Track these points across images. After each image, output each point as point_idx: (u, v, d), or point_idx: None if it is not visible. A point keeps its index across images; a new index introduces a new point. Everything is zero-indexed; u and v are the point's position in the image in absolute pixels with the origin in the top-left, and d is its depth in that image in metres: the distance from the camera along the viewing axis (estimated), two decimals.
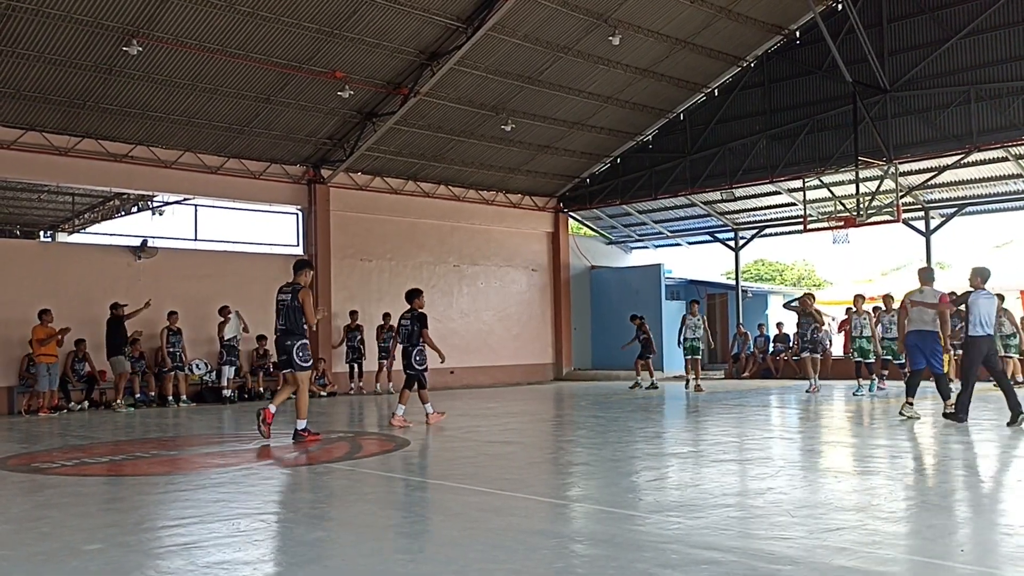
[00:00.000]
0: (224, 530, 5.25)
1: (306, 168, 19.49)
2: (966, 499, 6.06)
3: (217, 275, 18.09)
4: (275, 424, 10.03)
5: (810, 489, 6.39)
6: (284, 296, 9.81)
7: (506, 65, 18.02)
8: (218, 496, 6.46)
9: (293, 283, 9.89)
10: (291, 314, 9.67)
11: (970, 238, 31.67)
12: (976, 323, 10.17)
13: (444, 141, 20.06)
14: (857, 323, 15.66)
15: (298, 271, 10.00)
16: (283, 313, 9.74)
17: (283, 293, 9.87)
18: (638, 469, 7.65)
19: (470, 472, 7.57)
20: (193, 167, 17.71)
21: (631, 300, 24.17)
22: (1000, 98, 17.24)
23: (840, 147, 18.98)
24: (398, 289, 20.94)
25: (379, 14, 15.54)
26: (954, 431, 9.78)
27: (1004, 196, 19.53)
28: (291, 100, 17.15)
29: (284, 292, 9.86)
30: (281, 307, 9.79)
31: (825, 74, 19.17)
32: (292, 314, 9.66)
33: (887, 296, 16.51)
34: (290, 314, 9.67)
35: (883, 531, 4.93)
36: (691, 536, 4.88)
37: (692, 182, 21.79)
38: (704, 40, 19.12)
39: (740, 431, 10.64)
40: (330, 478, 7.52)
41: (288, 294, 9.78)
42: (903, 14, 18.36)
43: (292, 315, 9.66)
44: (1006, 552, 4.48)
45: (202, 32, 14.71)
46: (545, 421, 13.04)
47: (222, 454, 9.23)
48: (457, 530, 5.24)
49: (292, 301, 9.69)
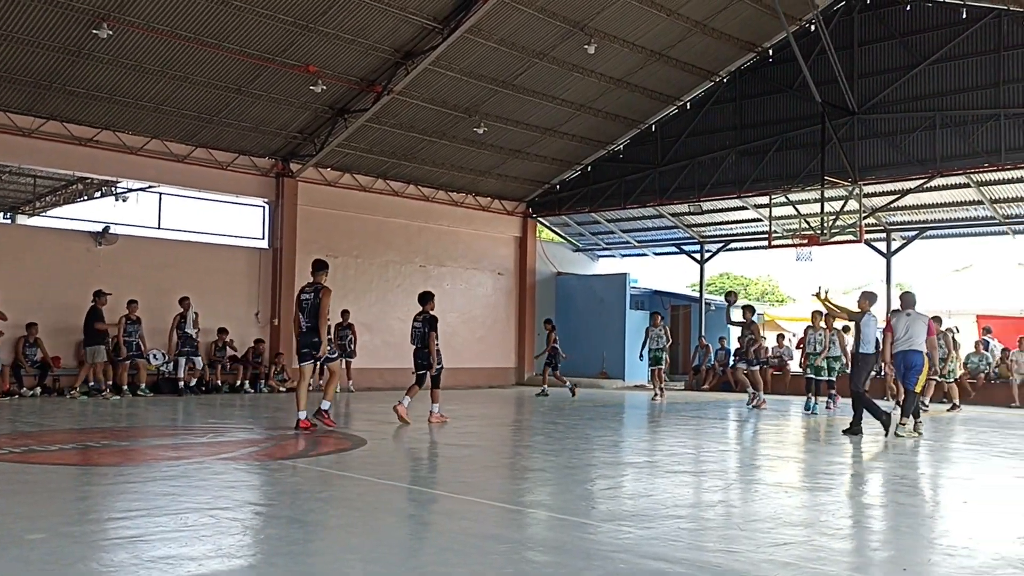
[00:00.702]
0: (171, 524, 5.19)
1: (275, 161, 19.33)
2: (910, 517, 6.16)
3: (179, 265, 17.87)
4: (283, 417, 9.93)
5: (760, 503, 6.45)
6: (307, 295, 10.48)
7: (481, 68, 18.02)
8: (167, 489, 6.37)
9: (315, 283, 10.52)
10: (315, 311, 10.35)
11: (930, 261, 32.21)
12: (866, 342, 11.35)
13: (415, 141, 20.01)
14: (812, 339, 15.79)
15: (318, 271, 10.62)
16: (307, 311, 10.41)
17: (306, 292, 10.52)
18: (593, 477, 7.68)
19: (425, 474, 7.55)
20: (159, 154, 17.48)
21: (596, 308, 24.31)
22: (963, 125, 17.57)
23: (807, 166, 19.22)
24: (364, 287, 20.98)
25: (355, 10, 15.46)
26: (904, 449, 9.94)
27: (964, 222, 19.90)
28: (263, 92, 17.01)
29: (307, 292, 10.51)
30: (305, 305, 10.44)
31: (795, 93, 19.41)
32: (316, 311, 10.34)
33: (816, 314, 15.89)
34: (314, 311, 10.36)
35: (828, 547, 5.00)
36: (641, 546, 4.91)
37: (661, 193, 21.95)
38: (678, 53, 19.28)
39: (696, 443, 10.72)
40: (284, 475, 7.46)
41: (311, 293, 10.44)
42: (873, 38, 18.66)
43: (316, 312, 10.34)
44: (945, 572, 4.56)
45: (174, 18, 14.54)
46: (504, 425, 13.05)
47: (175, 446, 9.11)
48: (409, 532, 5.22)
49: (315, 299, 10.38)
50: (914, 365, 11.02)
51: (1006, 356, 18.52)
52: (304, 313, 10.47)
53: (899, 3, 18.24)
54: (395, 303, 21.29)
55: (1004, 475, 8.37)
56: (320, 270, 10.62)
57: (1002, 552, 4.93)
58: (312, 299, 10.40)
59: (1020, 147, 16.87)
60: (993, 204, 18.70)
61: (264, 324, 19.17)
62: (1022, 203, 18.53)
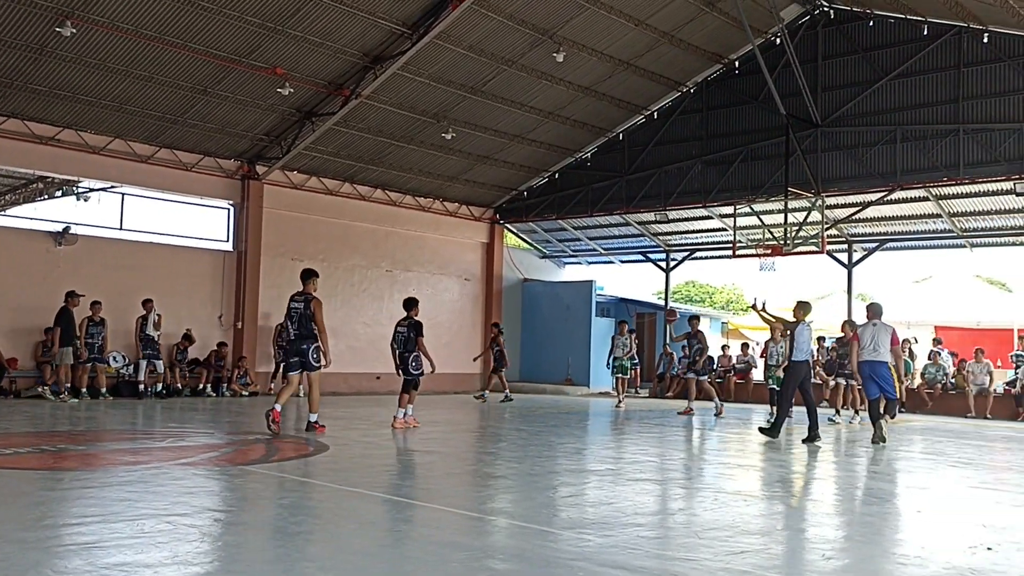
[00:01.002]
0: (127, 531, 5.12)
1: (240, 163, 19.18)
2: (865, 526, 6.25)
3: (141, 266, 17.65)
4: (245, 422, 9.82)
5: (720, 511, 6.51)
6: (297, 304, 10.59)
7: (449, 74, 18.03)
8: (124, 495, 6.29)
9: (304, 292, 10.64)
10: (304, 320, 10.50)
11: (890, 272, 32.75)
12: (799, 350, 11.62)
13: (383, 145, 19.96)
14: (774, 351, 15.75)
15: (307, 280, 10.71)
16: (296, 319, 10.55)
17: (295, 301, 10.62)
18: (555, 484, 7.70)
19: (387, 481, 7.53)
20: (122, 154, 17.27)
21: (562, 314, 24.39)
22: (923, 140, 17.91)
23: (771, 177, 19.46)
24: (328, 291, 20.79)
25: (324, 13, 15.41)
26: (861, 459, 10.08)
27: (923, 234, 20.26)
28: (229, 93, 16.88)
29: (296, 300, 10.62)
30: (294, 314, 10.57)
31: (761, 105, 19.65)
32: (305, 320, 10.49)
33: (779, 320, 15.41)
34: (303, 320, 10.50)
35: (784, 556, 5.06)
36: (601, 554, 4.93)
37: (628, 202, 22.09)
38: (646, 63, 19.44)
39: (659, 451, 10.79)
40: (243, 481, 7.39)
41: (301, 302, 10.56)
42: (837, 53, 18.96)
43: (305, 321, 10.49)
44: None
45: (140, 18, 14.38)
46: (468, 432, 13.04)
47: (133, 451, 9.00)
48: (368, 539, 5.21)
49: (305, 309, 10.51)
50: (880, 375, 11.30)
51: (963, 367, 18.87)
52: (293, 322, 10.57)
53: (862, 19, 18.56)
54: (361, 308, 21.22)
55: (958, 485, 8.52)
56: (308, 278, 10.69)
57: (953, 562, 5.03)
58: (301, 308, 10.51)
59: (978, 162, 17.23)
60: (951, 217, 19.06)
61: (227, 327, 18.99)
62: (979, 217, 18.91)
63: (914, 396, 18.87)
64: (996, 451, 11.99)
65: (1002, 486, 8.44)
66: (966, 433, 14.34)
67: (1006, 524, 6.25)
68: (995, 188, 17.64)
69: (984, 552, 5.27)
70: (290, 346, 10.70)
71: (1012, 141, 16.82)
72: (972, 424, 16.50)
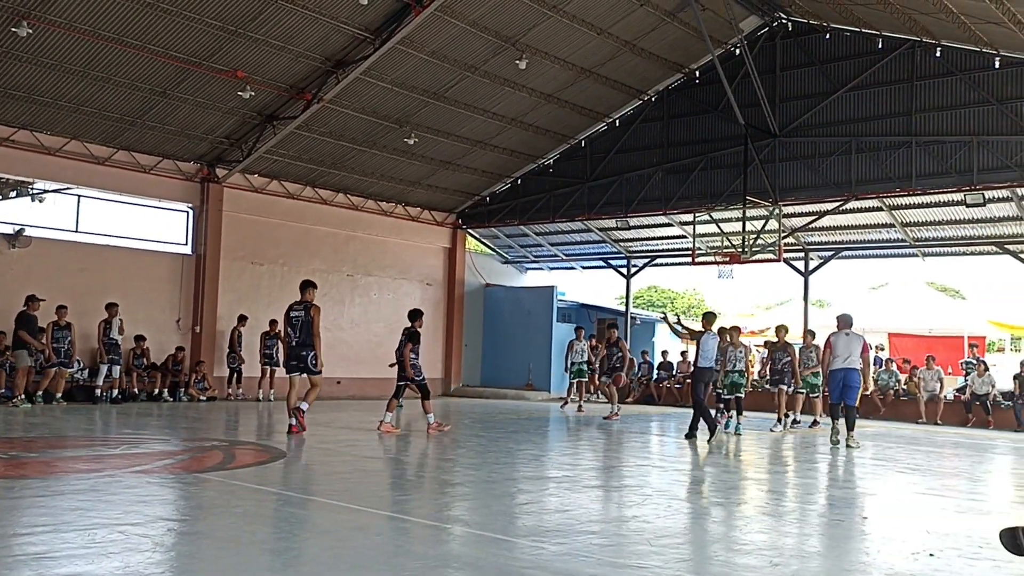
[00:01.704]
0: (79, 541, 5.08)
1: (200, 166, 19.00)
2: (813, 533, 6.39)
3: (98, 269, 17.42)
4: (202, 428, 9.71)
5: (673, 518, 6.62)
6: (297, 312, 11.44)
7: (412, 79, 18.05)
8: (76, 504, 6.23)
9: (303, 301, 11.50)
10: (305, 327, 11.32)
11: (846, 279, 33.37)
12: (704, 357, 12.80)
13: (345, 149, 19.91)
14: (732, 355, 15.18)
15: (305, 289, 11.61)
16: (296, 327, 11.38)
17: (295, 310, 11.49)
18: (513, 492, 7.75)
19: (343, 488, 7.53)
20: (79, 156, 17.04)
21: (523, 320, 24.47)
22: (877, 151, 18.27)
23: (730, 185, 19.72)
24: (289, 295, 20.52)
25: (286, 17, 15.35)
26: (811, 466, 10.27)
27: (877, 243, 20.66)
28: (188, 96, 16.73)
29: (296, 309, 11.49)
30: (295, 322, 11.41)
31: (720, 114, 19.91)
32: (306, 327, 11.31)
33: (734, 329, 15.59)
34: (303, 328, 11.32)
35: (733, 563, 5.17)
36: (555, 562, 5.00)
37: (589, 208, 22.25)
38: (608, 71, 19.61)
39: (617, 457, 10.90)
40: (198, 488, 7.35)
41: (301, 311, 11.41)
42: (794, 64, 19.29)
43: (306, 328, 11.31)
44: None
45: (97, 19, 14.21)
46: (426, 439, 13.03)
47: (86, 458, 8.89)
48: (322, 548, 5.22)
49: (305, 317, 11.34)
50: (854, 381, 12.14)
51: (914, 374, 19.27)
52: (293, 329, 11.40)
53: (819, 31, 18.90)
54: (322, 312, 21.03)
55: (905, 491, 8.73)
56: (307, 288, 11.59)
57: (896, 568, 5.16)
58: (302, 316, 11.34)
59: (930, 174, 17.62)
60: (904, 227, 19.47)
61: (185, 331, 18.80)
62: (931, 227, 19.33)
63: (867, 402, 19.21)
64: (945, 457, 12.28)
65: (948, 492, 8.66)
66: (916, 439, 14.66)
67: (949, 531, 6.42)
68: (946, 199, 18.06)
69: (926, 558, 5.42)
70: (291, 351, 11.49)
71: (962, 154, 17.23)
72: (923, 430, 16.86)
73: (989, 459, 12.39)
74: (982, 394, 18.07)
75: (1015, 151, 16.69)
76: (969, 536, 6.18)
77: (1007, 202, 17.55)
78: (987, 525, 6.61)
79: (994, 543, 4.70)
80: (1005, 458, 12.63)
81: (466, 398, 22.98)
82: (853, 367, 12.11)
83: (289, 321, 11.52)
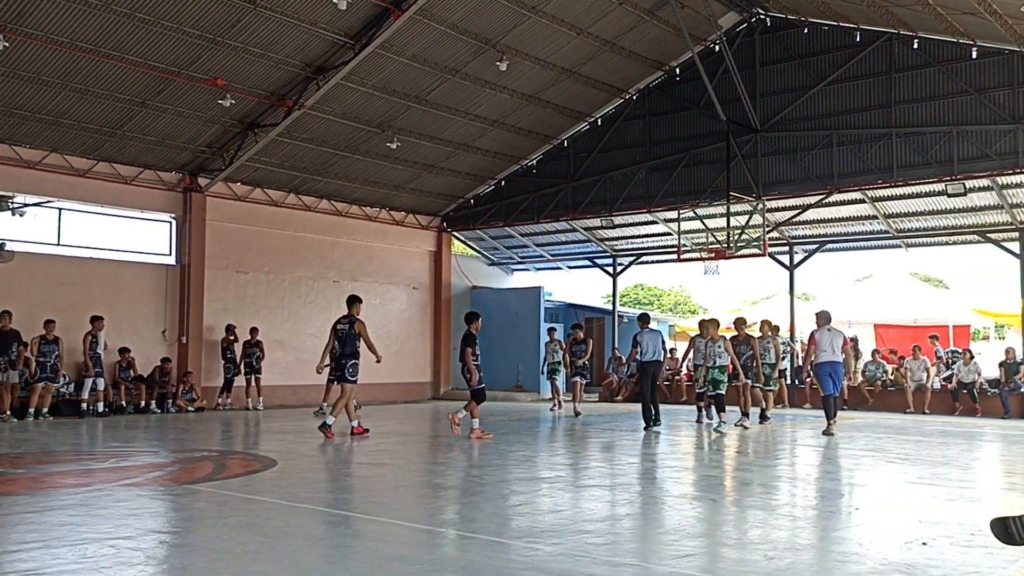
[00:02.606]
0: (70, 556, 5.04)
1: (182, 176, 18.90)
2: (806, 525, 6.41)
3: (81, 283, 17.29)
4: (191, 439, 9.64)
5: (666, 515, 6.62)
6: (343, 326, 12.41)
7: (393, 83, 18.01)
8: (66, 519, 6.18)
9: (349, 315, 12.43)
10: (349, 340, 12.25)
11: (831, 272, 33.50)
12: (647, 353, 14.38)
13: (328, 155, 19.84)
14: (713, 351, 14.34)
15: (351, 305, 12.57)
16: (342, 339, 12.33)
17: (342, 324, 12.45)
18: (505, 493, 7.74)
19: (335, 495, 7.50)
20: (59, 168, 16.91)
21: (511, 321, 24.44)
22: (858, 144, 18.36)
23: (714, 182, 19.78)
24: (275, 303, 20.65)
25: (265, 24, 15.29)
26: (802, 457, 10.30)
27: (860, 235, 20.75)
28: (168, 105, 16.63)
29: (343, 323, 12.45)
30: (340, 334, 12.38)
31: (702, 111, 19.97)
32: (350, 340, 12.24)
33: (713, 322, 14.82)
34: (348, 340, 12.26)
35: (728, 558, 5.18)
36: (549, 563, 4.99)
37: (574, 208, 22.27)
38: (589, 71, 19.63)
39: (607, 456, 10.90)
40: (189, 500, 7.31)
41: (347, 324, 12.36)
42: (774, 59, 19.37)
43: (350, 341, 12.24)
44: None
45: (74, 30, 14.11)
46: (418, 442, 13.02)
47: (75, 473, 8.82)
48: (316, 556, 5.19)
49: (350, 330, 12.29)
50: (839, 372, 13.42)
51: (901, 364, 19.38)
52: (339, 341, 12.38)
53: (797, 26, 18.98)
54: (308, 319, 21.04)
55: (896, 480, 8.77)
56: (354, 303, 12.57)
57: (889, 557, 5.19)
58: (347, 329, 12.30)
59: (911, 165, 17.73)
60: (887, 219, 19.57)
61: (172, 342, 18.68)
62: (913, 218, 19.44)
63: (856, 393, 19.37)
64: (933, 446, 12.34)
65: (938, 481, 8.71)
66: (905, 429, 14.74)
67: (941, 519, 6.46)
68: (927, 190, 18.17)
69: (919, 547, 5.45)
70: (336, 362, 12.50)
71: (942, 144, 17.35)
72: (911, 420, 16.96)
73: (977, 447, 12.47)
74: (968, 382, 18.19)
75: (994, 140, 16.82)
76: (961, 524, 6.22)
77: (988, 191, 17.67)
78: (978, 512, 6.65)
79: (986, 530, 4.72)
80: (993, 445, 12.71)
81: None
82: (838, 359, 13.23)
83: (336, 333, 12.47)
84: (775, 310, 25.33)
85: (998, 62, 16.68)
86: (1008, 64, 16.60)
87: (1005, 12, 13.85)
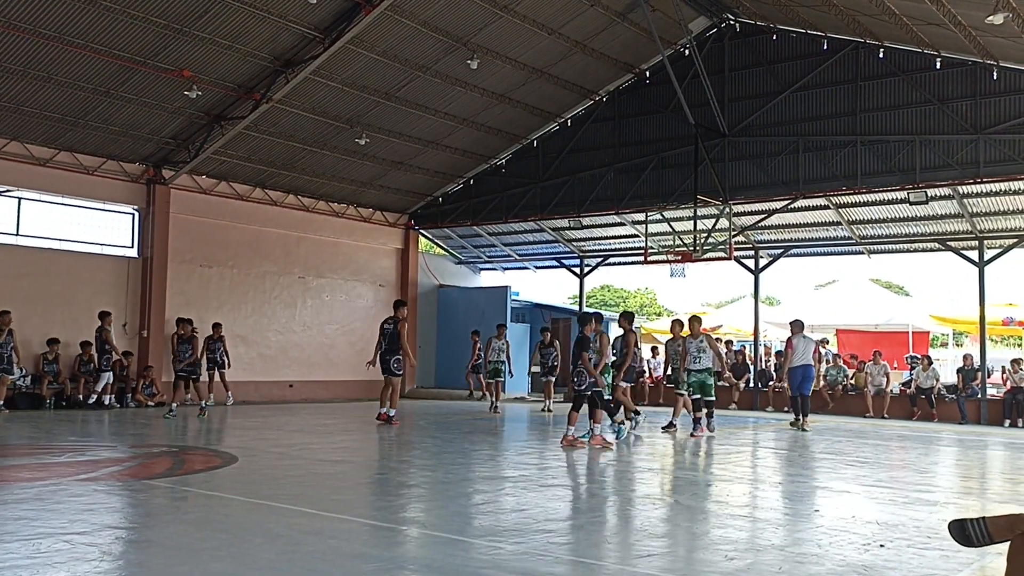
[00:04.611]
0: (23, 551, 4.94)
1: (146, 167, 18.63)
2: (766, 527, 6.46)
3: (40, 274, 16.98)
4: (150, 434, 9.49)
5: (629, 516, 6.64)
6: (388, 326, 14.12)
7: (363, 79, 17.90)
8: (20, 513, 6.06)
9: (394, 316, 14.11)
10: (393, 338, 13.95)
11: (795, 277, 33.96)
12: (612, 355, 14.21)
13: (295, 150, 19.68)
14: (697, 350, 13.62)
15: (398, 308, 14.28)
16: (387, 337, 14.02)
17: (387, 324, 14.15)
18: (468, 492, 7.72)
19: (296, 492, 7.43)
20: (19, 157, 16.59)
21: (477, 320, 24.36)
22: (824, 150, 18.57)
23: (681, 185, 19.89)
24: (239, 298, 20.43)
25: (233, 16, 15.11)
26: (763, 460, 10.39)
27: (825, 241, 20.99)
28: (133, 95, 16.38)
29: (388, 323, 14.15)
30: (385, 333, 14.08)
31: (671, 114, 20.08)
32: (394, 338, 13.94)
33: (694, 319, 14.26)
34: (392, 338, 13.96)
35: (688, 558, 5.20)
36: (510, 562, 4.98)
37: (542, 208, 22.29)
38: (560, 72, 19.66)
39: (572, 456, 10.91)
40: (147, 496, 7.20)
41: (391, 324, 14.05)
42: (743, 65, 19.53)
43: (394, 339, 13.93)
44: None
45: (37, 17, 13.85)
46: (381, 440, 12.94)
47: (30, 467, 8.65)
48: (275, 553, 5.13)
49: (394, 329, 13.97)
50: (810, 375, 15.03)
51: (862, 368, 19.65)
52: (384, 338, 14.02)
53: (766, 32, 19.16)
54: (272, 315, 20.86)
55: (854, 483, 8.87)
56: (399, 307, 14.27)
57: (848, 559, 5.25)
58: (392, 329, 13.96)
59: (874, 172, 17.97)
60: (850, 225, 19.82)
61: (132, 336, 18.41)
62: (876, 225, 19.71)
63: (816, 397, 19.54)
64: (892, 450, 12.53)
65: (896, 484, 8.83)
66: (864, 433, 14.94)
67: (898, 521, 6.54)
68: (890, 197, 18.41)
69: (877, 549, 5.52)
70: (382, 358, 13.98)
71: (905, 153, 17.60)
72: (870, 424, 17.20)
73: (935, 451, 12.67)
74: (927, 388, 18.48)
75: (956, 150, 17.10)
76: (918, 526, 6.31)
77: (949, 200, 17.95)
78: (935, 515, 6.75)
79: (942, 533, 4.79)
80: (950, 450, 12.93)
81: (421, 399, 22.85)
82: (810, 363, 14.88)
83: (382, 332, 14.06)
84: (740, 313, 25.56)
85: (961, 73, 16.96)
86: (971, 75, 16.88)
87: (969, 24, 14.10)
